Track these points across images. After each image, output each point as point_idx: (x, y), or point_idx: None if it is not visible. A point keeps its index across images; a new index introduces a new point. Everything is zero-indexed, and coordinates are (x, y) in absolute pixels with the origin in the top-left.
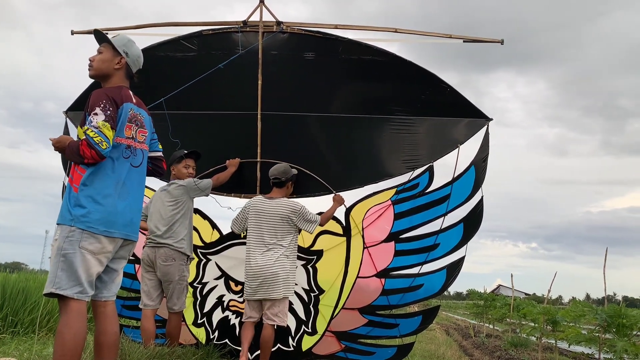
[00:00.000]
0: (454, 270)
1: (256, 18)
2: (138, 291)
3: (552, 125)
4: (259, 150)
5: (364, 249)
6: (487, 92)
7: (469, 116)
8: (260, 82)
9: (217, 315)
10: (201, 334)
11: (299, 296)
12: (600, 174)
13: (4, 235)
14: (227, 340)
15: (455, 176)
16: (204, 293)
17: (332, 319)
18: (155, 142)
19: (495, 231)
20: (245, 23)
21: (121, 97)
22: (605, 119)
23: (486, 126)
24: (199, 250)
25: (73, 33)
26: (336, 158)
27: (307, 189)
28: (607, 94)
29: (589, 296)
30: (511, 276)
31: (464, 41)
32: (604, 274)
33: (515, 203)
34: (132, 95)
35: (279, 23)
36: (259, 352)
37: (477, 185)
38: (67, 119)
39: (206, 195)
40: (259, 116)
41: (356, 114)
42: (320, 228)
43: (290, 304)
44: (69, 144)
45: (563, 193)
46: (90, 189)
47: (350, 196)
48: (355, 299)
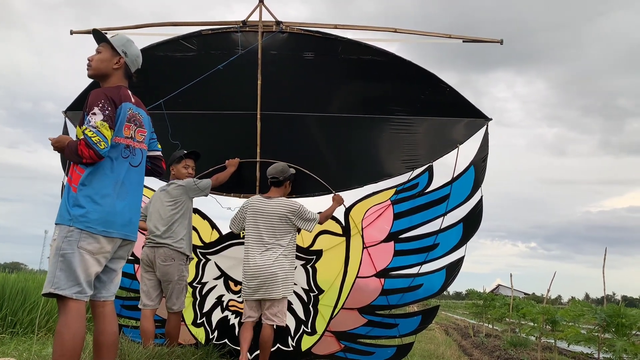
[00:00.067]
0: (453, 270)
1: (255, 18)
2: (137, 291)
3: (552, 125)
4: (258, 150)
5: (363, 248)
6: (486, 92)
7: (468, 116)
8: (259, 82)
9: (217, 315)
10: (200, 333)
11: (299, 296)
12: (600, 174)
13: (3, 235)
14: (226, 340)
15: (454, 176)
16: (204, 293)
17: (331, 318)
18: (154, 142)
19: (494, 231)
20: (244, 23)
21: (120, 97)
22: (605, 118)
23: (485, 126)
24: (198, 250)
25: (72, 33)
26: (335, 158)
27: (307, 189)
28: (607, 94)
29: (588, 296)
30: (510, 276)
31: (463, 41)
32: (603, 273)
33: (515, 203)
34: (130, 95)
35: (278, 23)
36: (258, 352)
37: (477, 185)
38: (66, 118)
39: (205, 195)
40: (259, 116)
41: (356, 114)
42: (319, 227)
43: (289, 303)
44: (67, 143)
45: (562, 193)
46: (89, 188)
47: (349, 196)
48: (354, 298)
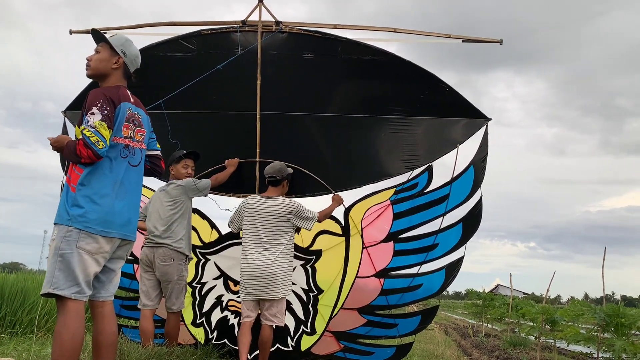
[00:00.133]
0: (453, 270)
1: (255, 18)
2: (137, 291)
3: (551, 125)
4: (257, 150)
5: (363, 248)
6: (485, 92)
7: (468, 116)
8: (259, 82)
9: (216, 315)
10: (200, 333)
11: (298, 296)
12: (599, 174)
13: (2, 235)
14: (225, 340)
15: (454, 176)
16: (203, 293)
17: (331, 318)
18: (153, 141)
19: (494, 231)
20: (244, 23)
21: (119, 97)
22: (604, 118)
23: (485, 126)
24: (197, 250)
25: (71, 32)
26: (335, 158)
27: (306, 189)
28: (606, 94)
29: (587, 295)
30: (510, 276)
31: (463, 41)
32: (602, 273)
33: (514, 203)
34: (129, 94)
35: (278, 23)
36: (257, 352)
37: (476, 185)
38: (65, 118)
39: (205, 195)
40: (258, 116)
41: (355, 114)
42: (319, 227)
43: (289, 303)
44: (66, 143)
45: (562, 193)
46: (88, 188)
47: (349, 196)
48: (354, 298)
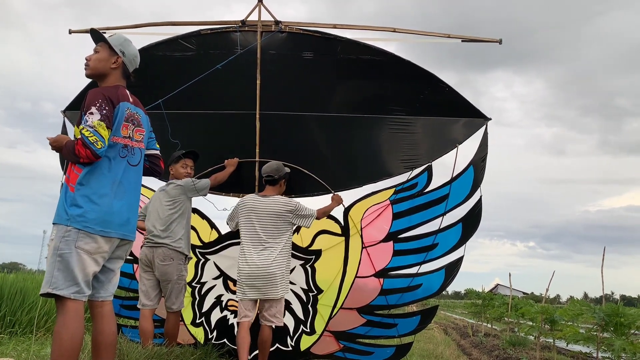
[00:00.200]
0: (452, 270)
1: (255, 17)
2: (136, 291)
3: (550, 124)
4: (257, 150)
5: (362, 248)
6: (485, 92)
7: (467, 116)
8: (258, 81)
9: (216, 315)
10: (199, 333)
11: (298, 296)
12: (598, 173)
13: (1, 235)
14: (225, 340)
15: (454, 176)
16: (203, 293)
17: (330, 318)
18: (152, 141)
19: (493, 230)
20: (243, 22)
21: (117, 97)
22: (603, 118)
23: (485, 126)
24: (197, 250)
25: (71, 32)
26: (335, 158)
27: (306, 189)
28: (605, 94)
29: (587, 295)
30: (509, 275)
31: (462, 41)
32: (601, 272)
33: (514, 202)
34: (128, 94)
35: (277, 23)
36: (257, 352)
37: (476, 185)
38: (65, 118)
39: (204, 195)
40: (258, 116)
41: (355, 113)
42: (318, 227)
43: (288, 303)
44: (65, 143)
45: (561, 192)
46: (87, 188)
47: (348, 196)
48: (353, 298)
